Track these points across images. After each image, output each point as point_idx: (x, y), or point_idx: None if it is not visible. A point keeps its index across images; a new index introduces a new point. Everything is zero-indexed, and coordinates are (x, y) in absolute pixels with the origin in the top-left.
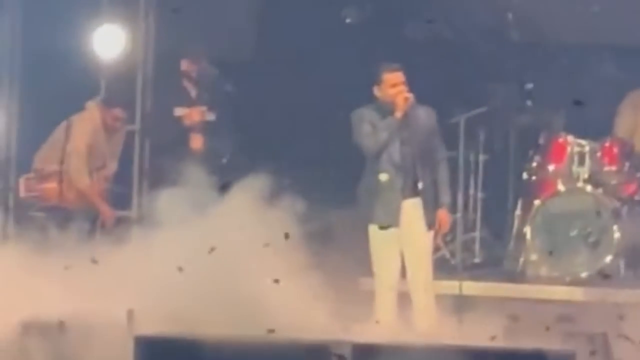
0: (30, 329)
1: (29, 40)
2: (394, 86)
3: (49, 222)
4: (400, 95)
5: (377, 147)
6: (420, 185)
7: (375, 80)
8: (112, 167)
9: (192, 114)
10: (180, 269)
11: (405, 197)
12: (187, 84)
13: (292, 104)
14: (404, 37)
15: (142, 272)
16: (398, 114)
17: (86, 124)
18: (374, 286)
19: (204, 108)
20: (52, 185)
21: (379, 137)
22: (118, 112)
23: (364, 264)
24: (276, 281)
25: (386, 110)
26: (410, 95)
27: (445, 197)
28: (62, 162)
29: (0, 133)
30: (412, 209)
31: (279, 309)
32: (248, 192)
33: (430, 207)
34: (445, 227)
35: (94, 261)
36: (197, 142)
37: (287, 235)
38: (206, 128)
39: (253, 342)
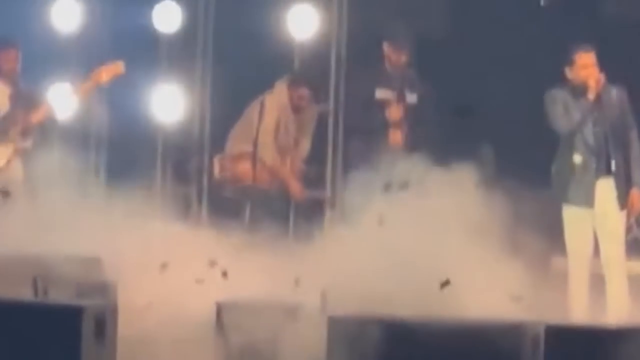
0: (226, 309)
1: (221, 19)
2: (585, 67)
3: (244, 202)
4: (592, 76)
5: (570, 128)
6: (613, 165)
7: (567, 62)
8: (305, 147)
9: (393, 112)
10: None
11: (598, 177)
12: (388, 67)
13: (484, 85)
14: (597, 18)
15: (335, 254)
16: (590, 96)
17: (275, 103)
18: (568, 266)
19: (404, 99)
20: (246, 166)
21: (573, 119)
22: (303, 91)
23: (557, 244)
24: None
25: (578, 91)
26: (602, 76)
27: (638, 177)
28: (255, 142)
29: (193, 113)
30: (605, 189)
31: (470, 291)
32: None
33: (623, 187)
34: (638, 207)
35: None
36: (396, 137)
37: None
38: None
39: (444, 322)
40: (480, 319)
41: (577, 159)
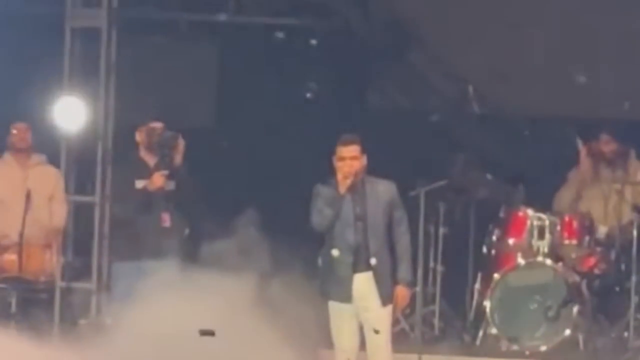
0: None
1: None
2: (340, 160)
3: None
4: (340, 170)
5: (323, 224)
6: (373, 261)
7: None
8: None
9: (154, 181)
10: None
11: (356, 272)
12: (144, 154)
13: (255, 174)
14: (364, 109)
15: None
16: (340, 190)
17: None
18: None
19: (165, 172)
20: (11, 257)
21: (325, 214)
22: None
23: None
24: None
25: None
26: (356, 171)
27: (404, 274)
28: (21, 233)
29: None
30: (364, 283)
31: None
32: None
33: (387, 282)
34: (403, 303)
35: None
36: (165, 220)
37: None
38: (169, 200)
39: None
40: None
41: (335, 253)
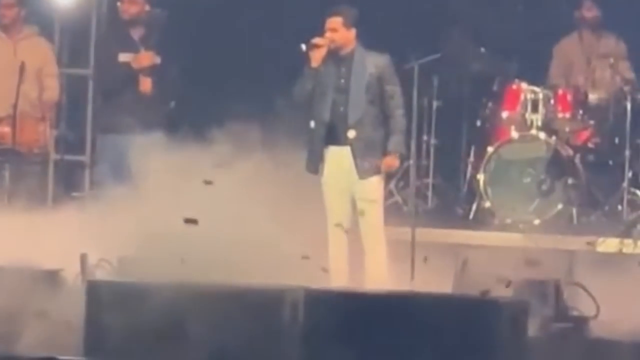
0: None
1: None
2: (330, 31)
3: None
4: (316, 44)
5: (298, 95)
6: (351, 133)
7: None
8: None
9: (140, 59)
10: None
11: (330, 144)
12: (129, 27)
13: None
14: None
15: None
16: (312, 62)
17: None
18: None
19: (150, 52)
20: (5, 129)
21: (304, 87)
22: None
23: None
24: None
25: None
26: (331, 43)
27: (393, 145)
28: (15, 105)
29: None
30: (342, 156)
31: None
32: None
33: (369, 155)
34: (389, 170)
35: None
36: (146, 84)
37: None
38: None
39: (208, 287)
40: (242, 286)
41: (312, 124)
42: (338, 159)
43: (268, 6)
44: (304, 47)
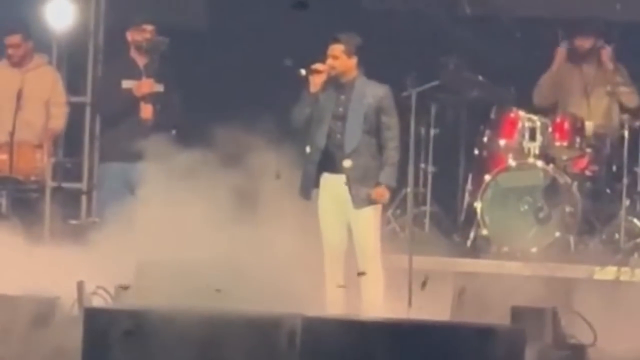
0: None
1: None
2: (331, 58)
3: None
4: (316, 70)
5: (295, 120)
6: (347, 163)
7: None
8: None
9: (142, 86)
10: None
11: (324, 171)
12: (135, 55)
13: (243, 76)
14: (360, 10)
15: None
16: (312, 88)
17: None
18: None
19: (152, 80)
20: (2, 156)
21: (302, 112)
22: None
23: None
24: None
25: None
26: (331, 70)
27: (384, 177)
28: (12, 132)
29: None
30: (336, 184)
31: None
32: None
33: (364, 185)
34: (380, 202)
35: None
36: (147, 112)
37: None
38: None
39: (200, 313)
40: (240, 313)
41: (307, 150)
42: (333, 186)
43: (269, 34)
44: (303, 71)
